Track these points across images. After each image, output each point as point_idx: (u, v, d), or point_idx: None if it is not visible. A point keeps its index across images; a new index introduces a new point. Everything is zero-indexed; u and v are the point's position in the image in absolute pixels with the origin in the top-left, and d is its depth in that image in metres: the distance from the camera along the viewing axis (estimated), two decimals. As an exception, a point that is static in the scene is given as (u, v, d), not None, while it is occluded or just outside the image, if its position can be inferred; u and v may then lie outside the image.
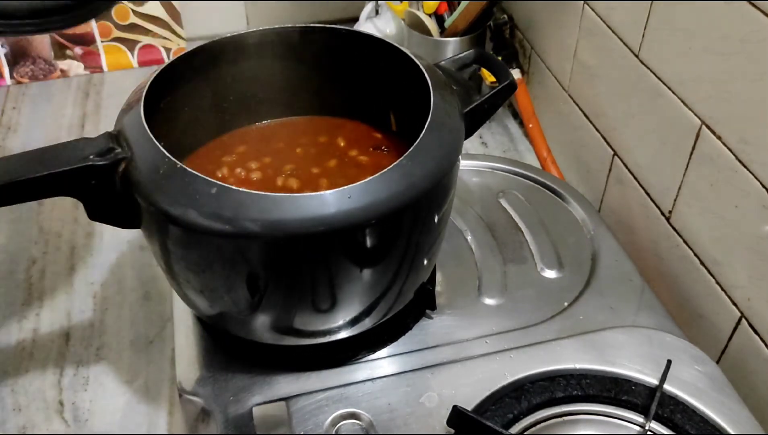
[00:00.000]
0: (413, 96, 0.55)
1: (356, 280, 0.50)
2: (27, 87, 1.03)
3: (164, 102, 0.56)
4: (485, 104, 0.57)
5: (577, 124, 0.81)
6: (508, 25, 0.94)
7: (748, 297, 0.57)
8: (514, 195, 0.73)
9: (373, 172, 0.47)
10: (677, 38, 0.60)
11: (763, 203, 0.54)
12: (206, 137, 0.63)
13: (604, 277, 0.64)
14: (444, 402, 0.53)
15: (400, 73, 0.58)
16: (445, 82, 0.56)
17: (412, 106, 0.56)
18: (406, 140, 0.54)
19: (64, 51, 1.04)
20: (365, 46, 0.60)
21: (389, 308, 0.55)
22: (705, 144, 0.59)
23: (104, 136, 0.50)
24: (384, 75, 0.61)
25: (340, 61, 0.62)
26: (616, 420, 0.53)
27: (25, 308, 0.71)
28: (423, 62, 0.56)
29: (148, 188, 0.46)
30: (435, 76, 0.55)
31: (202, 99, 0.60)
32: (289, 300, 0.50)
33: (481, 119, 0.58)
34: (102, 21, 1.03)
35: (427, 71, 0.55)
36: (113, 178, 0.48)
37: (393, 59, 0.58)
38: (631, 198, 0.72)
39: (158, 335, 0.68)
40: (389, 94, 0.62)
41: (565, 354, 0.56)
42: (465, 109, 0.55)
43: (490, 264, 0.66)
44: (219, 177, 0.58)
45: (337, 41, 0.61)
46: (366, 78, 0.62)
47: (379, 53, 0.59)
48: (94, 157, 0.47)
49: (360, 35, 0.61)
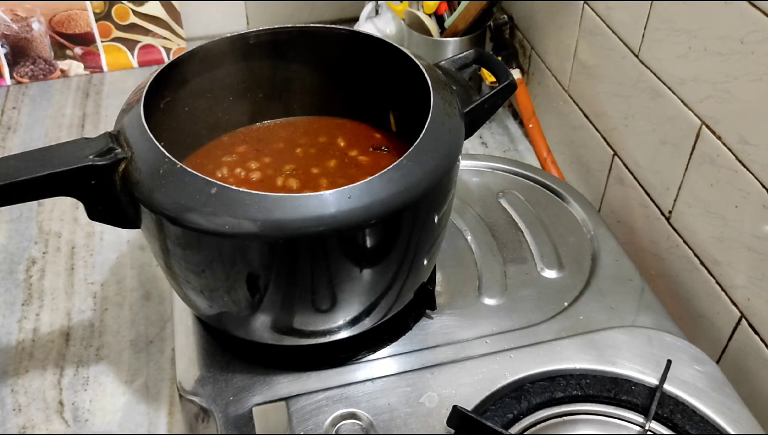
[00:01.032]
0: (413, 96, 0.55)
1: (356, 280, 0.50)
2: (27, 87, 1.03)
3: (164, 102, 0.56)
4: (485, 104, 0.57)
5: (577, 124, 0.81)
6: (508, 25, 0.94)
7: (748, 297, 0.57)
8: (514, 195, 0.73)
9: (373, 172, 0.47)
10: (677, 38, 0.60)
11: (763, 203, 0.54)
12: (206, 137, 0.63)
13: (604, 277, 0.64)
14: (444, 402, 0.53)
15: (400, 73, 0.58)
16: (445, 82, 0.56)
17: (412, 106, 0.56)
18: (406, 140, 0.54)
19: (64, 51, 1.04)
20: (365, 46, 0.60)
21: (389, 308, 0.55)
22: (705, 144, 0.59)
23: (104, 136, 0.50)
24: (384, 75, 0.61)
25: (339, 62, 0.62)
26: (616, 420, 0.53)
27: (25, 308, 0.71)
28: (423, 62, 0.56)
29: (148, 188, 0.46)
30: (435, 76, 0.55)
31: (202, 99, 0.60)
32: (289, 300, 0.50)
33: (481, 119, 0.58)
34: (102, 21, 1.03)
35: (426, 71, 0.55)
36: (113, 178, 0.48)
37: (393, 59, 0.58)
38: (631, 198, 0.72)
39: (158, 335, 0.68)
40: (389, 93, 0.62)
41: (565, 354, 0.56)
42: (465, 109, 0.55)
43: (490, 264, 0.66)
44: (219, 177, 0.58)
45: (336, 41, 0.61)
46: (366, 78, 0.62)
47: (379, 53, 0.59)
48: (94, 157, 0.47)
49: (360, 35, 0.60)
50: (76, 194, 0.49)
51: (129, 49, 1.06)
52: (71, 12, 1.02)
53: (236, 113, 0.64)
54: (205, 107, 0.61)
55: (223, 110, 0.63)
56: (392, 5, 0.96)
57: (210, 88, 0.60)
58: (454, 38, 0.89)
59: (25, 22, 1.01)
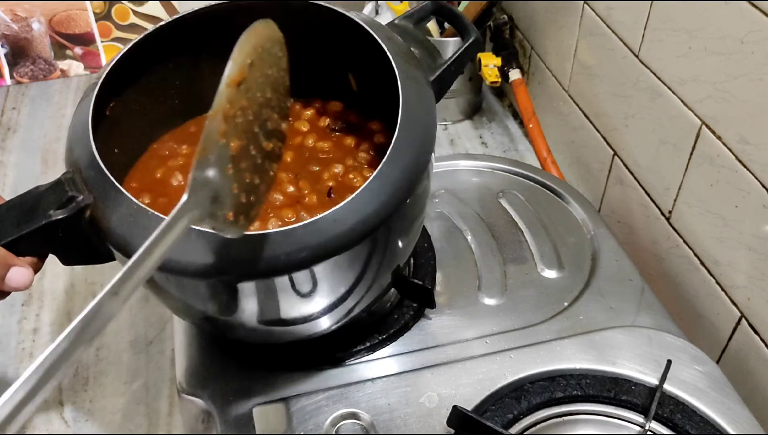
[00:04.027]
0: (373, 64, 0.51)
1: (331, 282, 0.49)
2: (27, 87, 1.03)
3: (109, 109, 0.52)
4: (452, 66, 0.53)
5: (577, 124, 0.81)
6: (508, 25, 0.94)
7: (748, 297, 0.57)
8: (514, 195, 0.73)
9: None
10: (677, 38, 0.60)
11: (763, 203, 0.54)
12: (152, 137, 0.58)
13: (604, 277, 0.64)
14: (444, 402, 0.53)
15: (357, 46, 0.53)
16: (407, 52, 0.52)
17: (372, 70, 0.52)
18: (367, 100, 0.51)
19: (64, 51, 1.04)
20: (317, 18, 0.54)
21: (368, 289, 0.52)
22: (705, 144, 0.59)
23: (60, 184, 0.46)
24: (340, 49, 0.56)
25: (292, 38, 0.58)
26: (616, 420, 0.53)
27: (25, 308, 0.71)
28: (380, 33, 0.51)
29: (122, 236, 0.43)
30: (394, 47, 0.51)
31: (147, 96, 0.56)
32: (269, 316, 0.49)
33: (448, 82, 0.55)
34: (102, 21, 1.03)
35: (385, 44, 0.50)
36: (80, 225, 0.45)
37: (348, 32, 0.53)
38: (631, 198, 0.72)
39: (158, 336, 0.68)
40: (346, 66, 0.58)
41: (565, 354, 0.56)
42: (432, 77, 0.52)
43: (490, 264, 0.66)
44: (174, 185, 0.54)
45: (287, 16, 0.53)
46: (319, 54, 0.57)
47: (334, 27, 0.54)
48: (55, 211, 0.44)
49: (312, 6, 0.54)
50: (45, 250, 0.46)
51: (129, 49, 1.06)
52: (71, 12, 1.02)
53: (180, 106, 0.58)
54: (149, 104, 0.56)
55: (169, 106, 0.58)
56: (392, 5, 0.96)
57: (153, 84, 0.56)
58: (454, 38, 0.89)
59: (25, 22, 1.01)
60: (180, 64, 0.57)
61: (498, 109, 0.99)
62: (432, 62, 0.53)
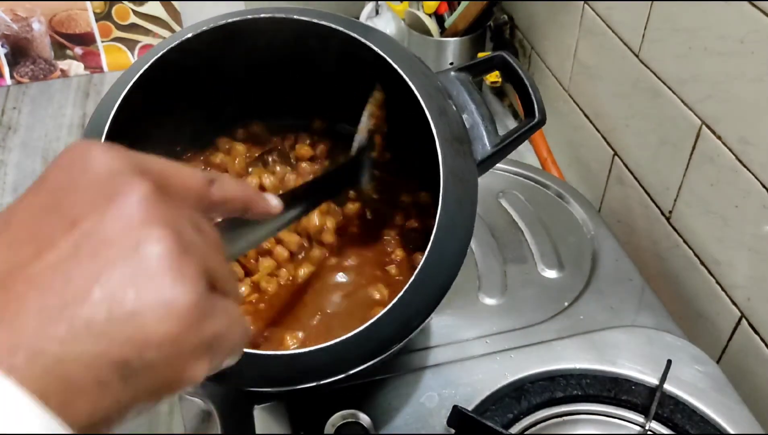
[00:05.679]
0: (405, 119, 0.46)
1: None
2: (27, 87, 1.03)
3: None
4: (508, 148, 0.47)
5: (577, 124, 0.81)
6: (508, 25, 0.94)
7: (748, 297, 0.57)
8: (514, 195, 0.73)
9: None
10: (677, 38, 0.60)
11: (763, 203, 0.54)
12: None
13: (604, 277, 0.64)
14: (444, 402, 0.53)
15: (394, 94, 0.47)
16: (458, 132, 0.45)
17: (403, 127, 0.48)
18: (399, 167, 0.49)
19: (64, 51, 1.04)
20: (359, 52, 0.47)
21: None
22: (705, 144, 0.59)
23: None
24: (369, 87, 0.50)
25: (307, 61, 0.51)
26: (616, 420, 0.53)
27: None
28: (430, 103, 0.44)
29: None
30: (445, 127, 0.44)
31: (158, 128, 0.52)
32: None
33: (497, 161, 0.49)
34: (102, 21, 1.03)
35: (435, 121, 0.43)
36: None
37: (389, 80, 0.46)
38: (631, 198, 0.72)
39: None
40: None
41: (565, 354, 0.56)
42: (480, 158, 0.45)
43: (490, 264, 0.65)
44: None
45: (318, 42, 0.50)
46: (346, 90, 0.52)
47: (373, 69, 0.47)
48: None
49: (355, 40, 0.47)
50: None
51: (129, 49, 1.06)
52: (71, 12, 1.02)
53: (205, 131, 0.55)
54: (161, 135, 0.52)
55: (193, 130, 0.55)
56: (392, 5, 0.96)
57: (166, 112, 0.52)
58: (454, 38, 0.89)
59: (25, 22, 1.01)
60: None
61: (498, 109, 0.98)
62: (484, 132, 0.46)
